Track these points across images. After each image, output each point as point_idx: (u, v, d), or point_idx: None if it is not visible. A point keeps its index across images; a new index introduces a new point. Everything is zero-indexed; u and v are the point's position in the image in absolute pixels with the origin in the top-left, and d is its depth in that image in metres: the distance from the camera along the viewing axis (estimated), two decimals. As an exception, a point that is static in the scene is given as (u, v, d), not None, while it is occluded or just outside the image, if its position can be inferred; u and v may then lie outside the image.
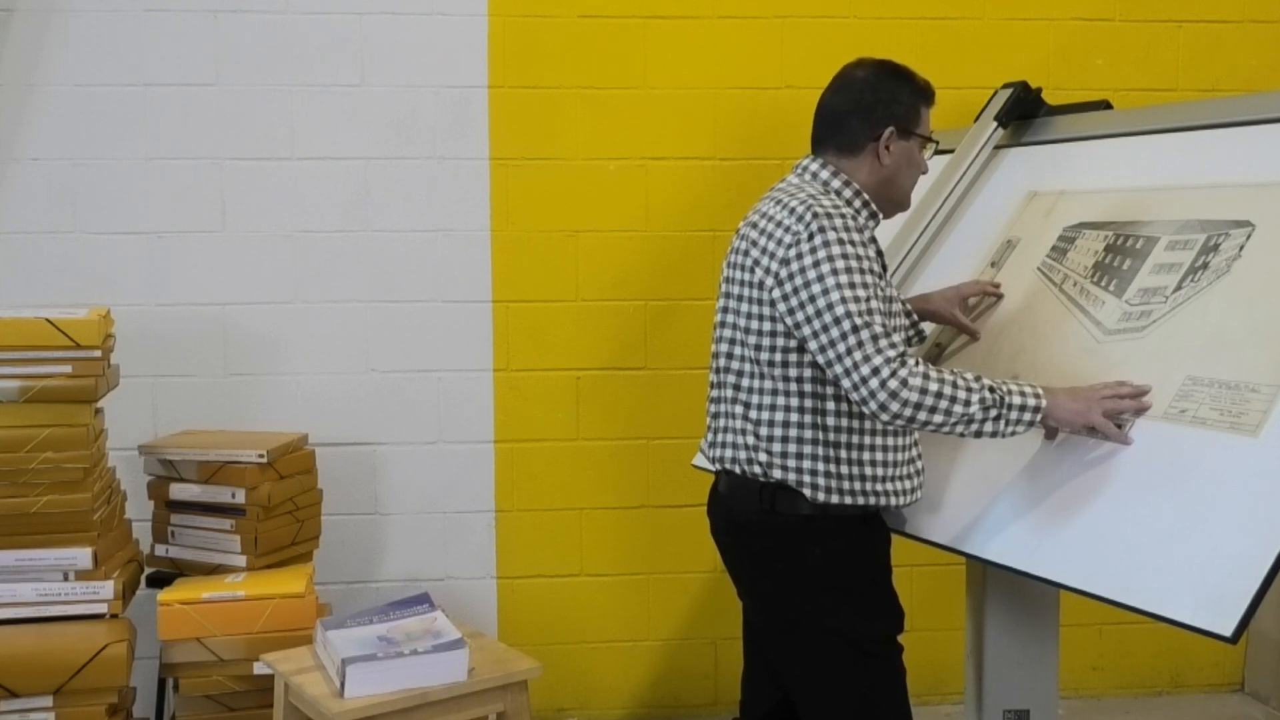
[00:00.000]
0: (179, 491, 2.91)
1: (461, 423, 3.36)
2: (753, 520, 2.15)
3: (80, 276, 3.20)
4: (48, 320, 2.54)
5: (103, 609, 2.57)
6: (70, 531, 2.56)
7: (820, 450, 2.09)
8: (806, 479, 2.09)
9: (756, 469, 2.12)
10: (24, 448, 2.51)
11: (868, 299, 1.99)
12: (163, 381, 3.25)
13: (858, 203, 2.17)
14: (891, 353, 1.97)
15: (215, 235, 3.25)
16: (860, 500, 2.10)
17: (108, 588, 2.57)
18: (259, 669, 2.55)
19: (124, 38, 3.18)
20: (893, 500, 2.14)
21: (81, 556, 2.55)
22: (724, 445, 2.18)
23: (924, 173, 2.27)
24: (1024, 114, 2.82)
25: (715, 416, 2.21)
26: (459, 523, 3.39)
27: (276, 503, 2.90)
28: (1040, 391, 2.03)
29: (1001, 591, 2.40)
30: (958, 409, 1.97)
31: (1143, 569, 1.88)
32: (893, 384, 1.95)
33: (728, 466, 2.18)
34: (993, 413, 1.99)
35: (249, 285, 3.26)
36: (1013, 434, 2.04)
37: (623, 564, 3.43)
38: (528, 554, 3.41)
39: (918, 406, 1.96)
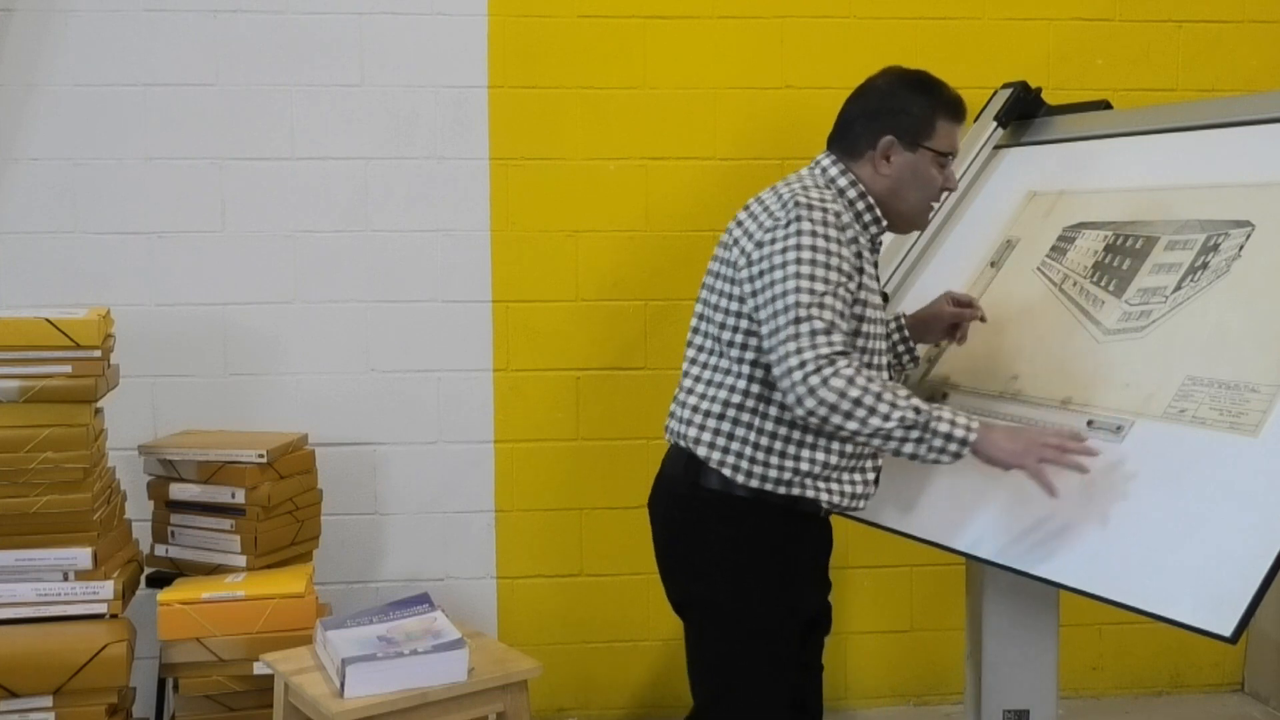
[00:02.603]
0: (179, 491, 2.91)
1: (461, 423, 3.36)
2: (678, 492, 2.17)
3: (80, 276, 3.20)
4: (48, 320, 2.53)
5: (103, 609, 2.57)
6: (70, 531, 2.56)
7: (753, 436, 2.09)
8: (731, 459, 2.09)
9: (689, 443, 2.14)
10: (24, 448, 2.51)
11: (823, 294, 1.98)
12: (163, 381, 3.25)
13: (861, 205, 2.16)
14: (824, 350, 1.94)
15: (215, 235, 3.25)
16: (784, 490, 2.09)
17: (108, 588, 2.57)
18: (259, 669, 2.55)
19: (124, 38, 3.18)
20: (823, 497, 2.12)
21: (81, 556, 2.55)
22: (673, 417, 2.20)
23: (949, 189, 2.23)
24: (1024, 114, 2.82)
25: (678, 389, 2.23)
26: (459, 523, 3.39)
27: (276, 503, 2.90)
28: (974, 426, 1.99)
29: (1001, 591, 2.40)
30: (874, 421, 1.94)
31: (1143, 569, 1.88)
32: (813, 380, 1.94)
33: (671, 438, 2.20)
34: (914, 434, 1.96)
35: (249, 285, 3.26)
36: (936, 461, 2.01)
37: (623, 564, 3.43)
38: (528, 554, 3.41)
39: (832, 408, 1.94)
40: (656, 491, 2.26)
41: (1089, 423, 2.12)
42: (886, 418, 1.94)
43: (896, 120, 2.14)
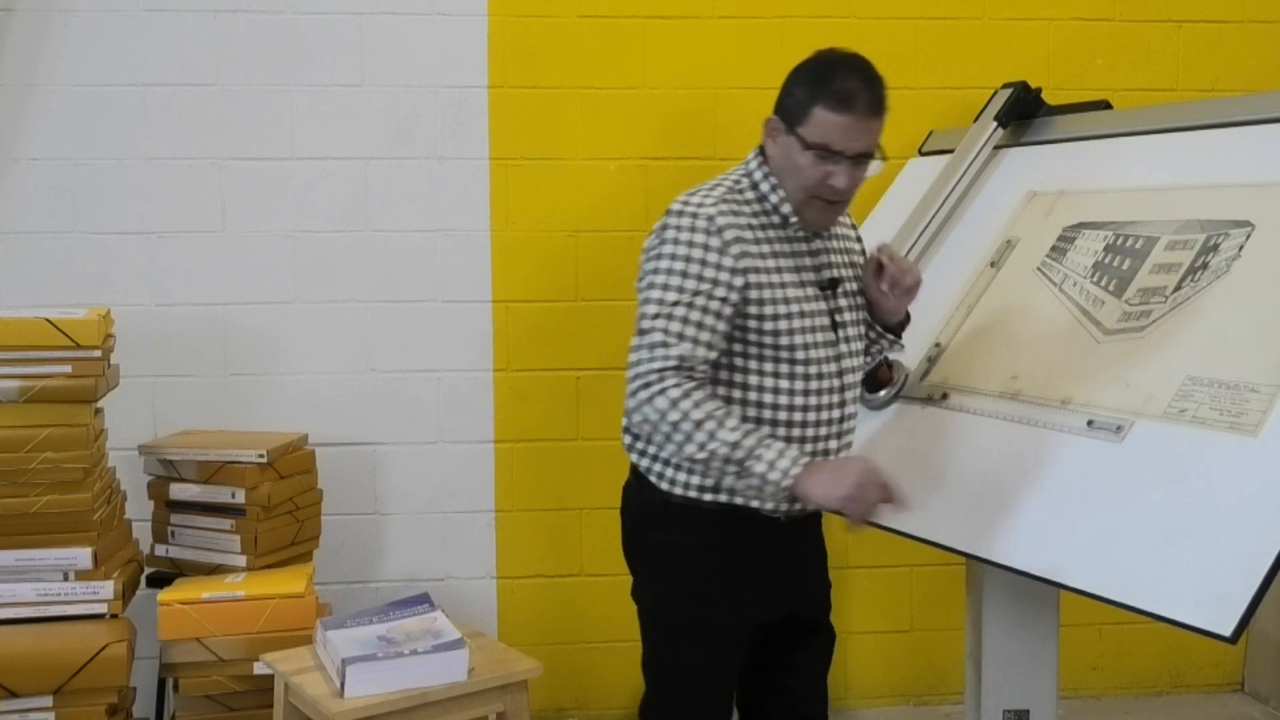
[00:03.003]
0: (179, 491, 2.91)
1: (461, 423, 3.36)
2: (626, 499, 2.22)
3: (80, 276, 3.20)
4: (48, 320, 2.53)
5: (103, 609, 2.57)
6: (70, 531, 2.56)
7: None
8: (658, 467, 2.10)
9: (628, 451, 2.16)
10: (24, 448, 2.51)
11: (674, 304, 1.94)
12: (163, 381, 3.25)
13: (775, 198, 2.05)
14: (657, 364, 1.92)
15: (215, 235, 3.25)
16: (710, 497, 2.06)
17: (108, 588, 2.57)
18: (259, 669, 2.55)
19: (124, 38, 3.18)
20: (755, 503, 2.06)
21: (81, 556, 2.55)
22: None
23: (834, 186, 1.98)
24: (1024, 114, 2.82)
25: None
26: (459, 523, 3.39)
27: (276, 503, 2.90)
28: (794, 471, 1.91)
29: (1001, 591, 2.40)
30: (689, 449, 1.93)
31: (1143, 569, 1.88)
32: (642, 394, 1.93)
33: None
34: (731, 468, 1.93)
35: (249, 285, 3.26)
36: (759, 495, 2.00)
37: (622, 564, 3.41)
38: (528, 554, 3.41)
39: (654, 427, 1.94)
40: (621, 503, 2.28)
41: (1089, 422, 2.12)
42: (701, 447, 1.92)
43: (782, 101, 2.05)
